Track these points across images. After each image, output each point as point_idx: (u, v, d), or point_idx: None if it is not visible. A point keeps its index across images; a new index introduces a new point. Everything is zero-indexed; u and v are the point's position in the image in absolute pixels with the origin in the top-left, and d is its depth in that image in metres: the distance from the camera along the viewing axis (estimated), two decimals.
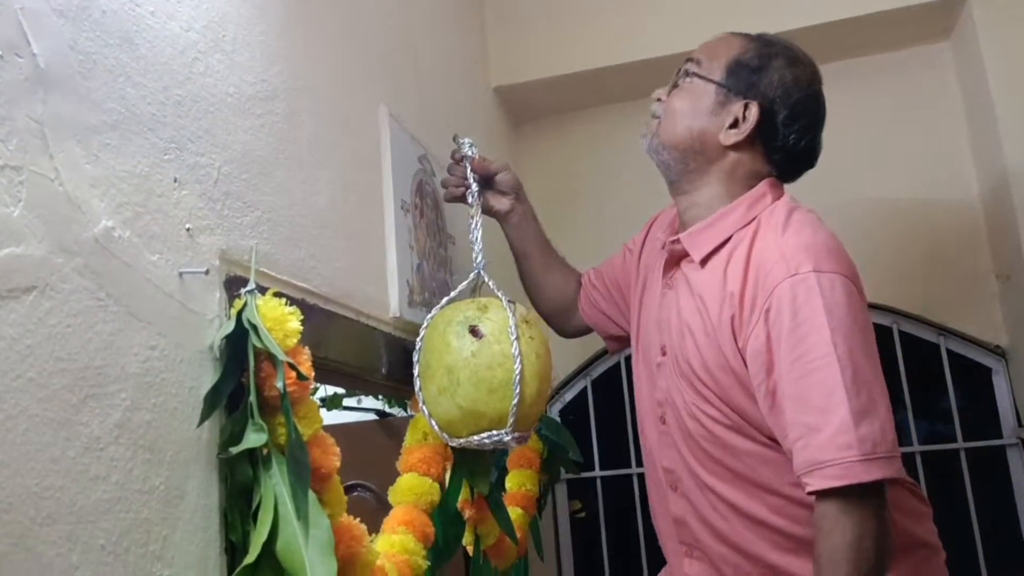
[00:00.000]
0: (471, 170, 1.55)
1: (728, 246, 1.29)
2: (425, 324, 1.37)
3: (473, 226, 1.50)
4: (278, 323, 0.99)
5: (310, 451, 1.00)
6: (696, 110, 1.35)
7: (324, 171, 1.28)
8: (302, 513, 0.93)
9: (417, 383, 1.36)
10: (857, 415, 1.09)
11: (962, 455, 2.22)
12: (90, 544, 0.75)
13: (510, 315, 1.33)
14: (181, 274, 0.92)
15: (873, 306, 2.27)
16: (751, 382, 1.22)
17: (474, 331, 1.32)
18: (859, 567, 1.08)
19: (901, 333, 2.29)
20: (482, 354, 1.31)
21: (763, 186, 1.34)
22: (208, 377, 0.94)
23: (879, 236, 2.26)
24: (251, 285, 1.00)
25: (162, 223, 0.90)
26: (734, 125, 1.33)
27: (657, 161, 1.41)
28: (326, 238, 1.26)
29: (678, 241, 1.36)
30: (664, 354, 1.38)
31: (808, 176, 2.29)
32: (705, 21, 2.14)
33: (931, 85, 2.29)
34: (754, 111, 1.32)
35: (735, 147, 1.34)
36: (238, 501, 0.95)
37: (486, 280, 1.46)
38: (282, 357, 0.93)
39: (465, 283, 1.46)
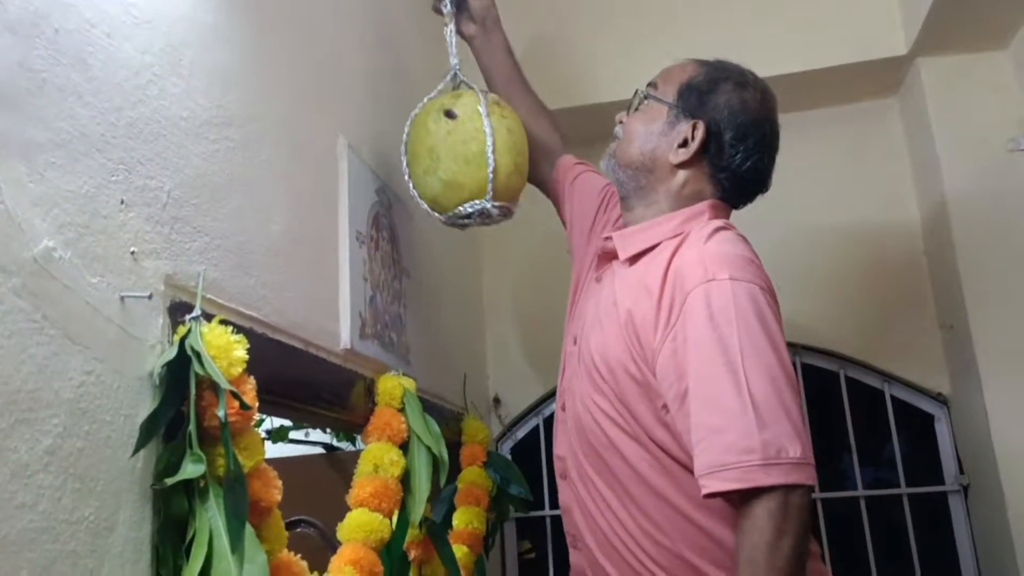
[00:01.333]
0: None
1: (655, 251, 1.33)
2: (409, 121, 1.58)
3: (448, 33, 1.67)
4: (223, 351, 0.97)
5: (250, 484, 0.98)
6: (649, 131, 1.41)
7: (279, 200, 1.27)
8: (238, 548, 0.91)
9: (406, 173, 1.57)
10: (763, 420, 1.09)
11: (905, 501, 2.25)
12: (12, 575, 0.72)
13: (481, 97, 1.52)
14: (123, 298, 0.90)
15: (819, 351, 2.32)
16: (651, 386, 1.24)
17: (449, 114, 1.50)
18: (776, 566, 1.07)
19: (847, 378, 2.33)
20: (457, 132, 1.50)
21: (704, 205, 1.37)
22: (146, 405, 0.92)
23: (827, 283, 2.31)
24: (196, 311, 0.98)
25: (106, 245, 0.88)
26: (683, 145, 1.37)
27: (613, 179, 1.48)
28: (278, 267, 1.24)
29: (610, 238, 1.41)
30: (575, 343, 1.44)
31: (757, 223, 2.34)
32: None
33: (879, 138, 2.36)
34: (701, 131, 1.36)
35: (683, 166, 1.38)
36: (171, 534, 0.92)
37: (462, 78, 1.62)
38: (225, 385, 0.91)
39: (442, 83, 1.62)
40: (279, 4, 1.36)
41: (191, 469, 0.91)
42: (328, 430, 2.28)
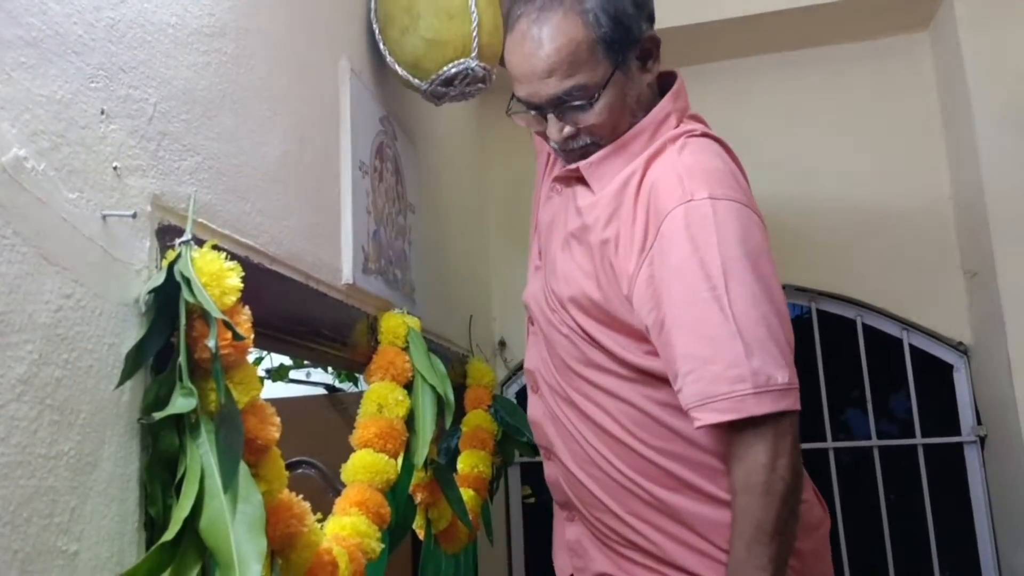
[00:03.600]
0: None
1: (624, 173, 1.24)
2: None
3: None
4: (215, 278, 0.90)
5: (245, 420, 0.91)
6: (622, 99, 1.24)
7: (276, 122, 1.18)
8: (231, 487, 0.84)
9: (380, 40, 1.47)
10: (750, 347, 1.06)
11: (920, 451, 2.20)
12: None
13: None
14: (104, 216, 0.82)
15: (836, 297, 2.25)
16: (617, 314, 1.20)
17: None
18: (774, 487, 1.07)
19: (864, 326, 2.26)
20: None
21: (666, 103, 1.27)
22: (132, 333, 0.85)
23: (846, 227, 2.23)
24: (187, 235, 0.91)
25: (84, 158, 0.80)
26: (644, 65, 1.26)
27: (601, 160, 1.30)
28: (275, 194, 1.16)
29: (576, 169, 1.29)
30: (540, 258, 1.38)
31: (779, 162, 2.25)
32: None
33: (907, 76, 2.26)
34: (649, 37, 1.25)
35: (655, 74, 1.29)
36: (160, 472, 0.86)
37: None
38: (217, 314, 0.84)
39: None
40: None
41: (181, 403, 0.85)
42: (330, 370, 2.23)
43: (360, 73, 1.48)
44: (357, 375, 2.21)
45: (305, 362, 2.10)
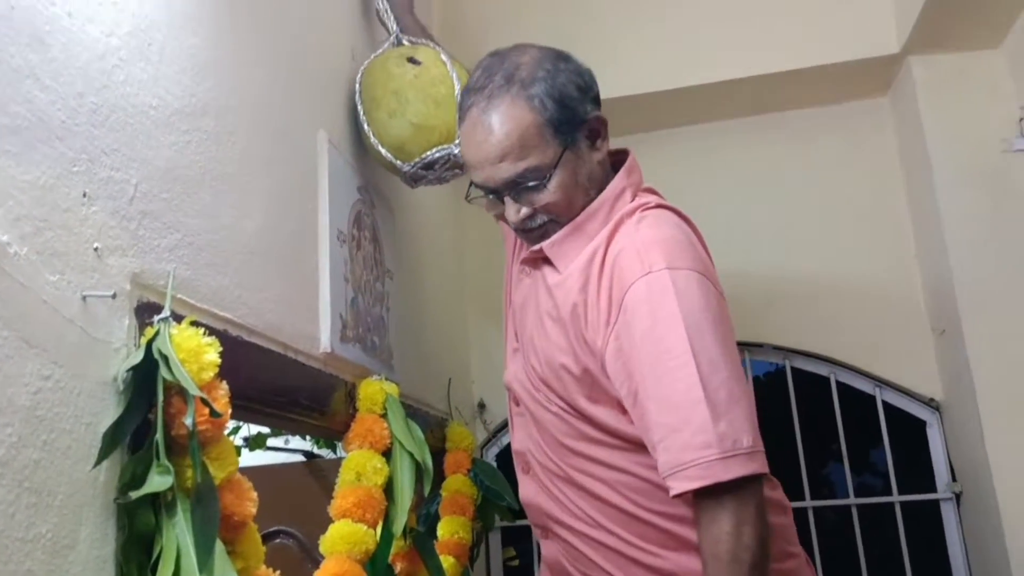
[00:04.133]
0: None
1: (587, 251, 1.27)
2: (360, 72, 1.58)
3: (379, 3, 1.71)
4: (193, 354, 0.91)
5: (222, 496, 0.91)
6: (574, 177, 1.27)
7: (255, 195, 1.21)
8: (206, 566, 0.84)
9: (364, 121, 1.53)
10: (716, 413, 1.09)
11: (897, 509, 2.21)
12: None
13: (439, 48, 1.54)
14: (84, 297, 0.83)
15: (810, 355, 2.28)
16: (598, 382, 1.23)
17: (412, 60, 1.51)
18: (740, 556, 1.07)
19: (838, 383, 2.29)
20: (424, 75, 1.50)
21: (619, 180, 1.31)
22: (109, 412, 0.85)
23: (817, 286, 2.28)
24: (166, 312, 0.92)
25: (66, 240, 0.81)
26: (594, 144, 1.29)
27: (559, 241, 1.31)
28: (254, 266, 1.18)
29: (540, 251, 1.31)
30: (517, 340, 1.40)
31: (749, 224, 2.31)
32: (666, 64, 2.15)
33: (870, 139, 2.33)
34: (594, 116, 1.28)
35: (604, 153, 1.32)
36: (136, 552, 0.86)
37: (404, 41, 1.64)
38: (194, 391, 0.85)
39: (386, 45, 1.65)
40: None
41: (157, 481, 0.85)
42: (308, 436, 2.21)
43: (338, 144, 1.51)
44: (336, 442, 2.20)
45: (283, 431, 2.09)
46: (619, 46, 2.27)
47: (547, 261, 1.32)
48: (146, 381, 0.88)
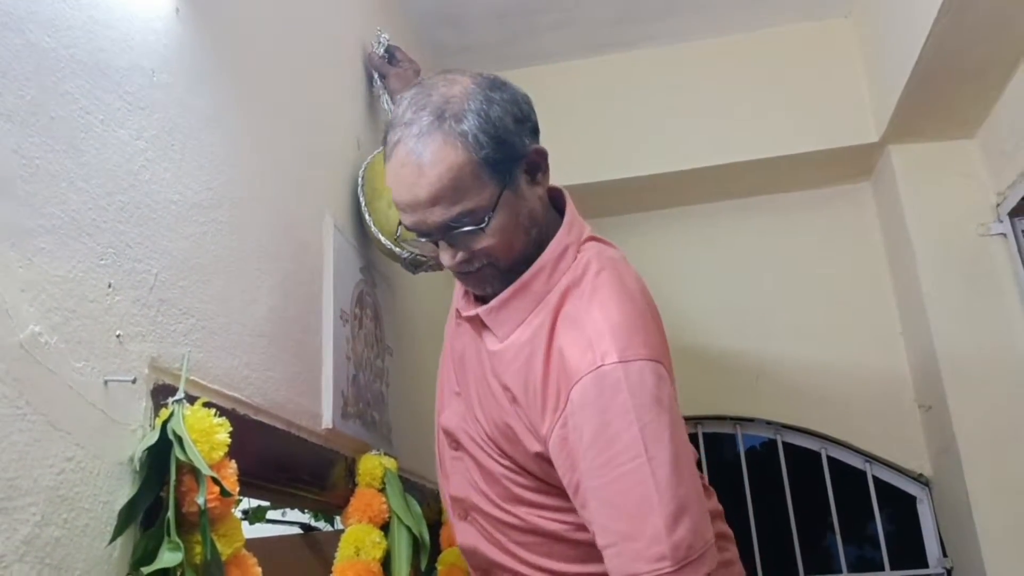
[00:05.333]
0: (371, 64, 1.86)
1: (529, 325, 1.19)
2: (363, 165, 1.68)
3: (385, 102, 1.83)
4: (205, 435, 0.96)
5: (228, 572, 0.96)
6: (515, 219, 1.17)
7: (264, 280, 1.28)
8: None
9: (366, 211, 1.62)
10: (670, 521, 1.04)
11: None
12: None
13: None
14: (106, 382, 0.89)
15: (801, 430, 2.33)
16: (545, 456, 1.16)
17: None
18: None
19: (829, 459, 2.33)
20: None
21: (561, 237, 1.21)
22: (125, 490, 0.90)
23: (806, 364, 2.34)
24: (180, 394, 0.98)
25: (91, 329, 0.88)
26: (534, 179, 1.20)
27: (502, 289, 1.22)
28: (262, 347, 1.24)
29: (477, 316, 1.24)
30: (459, 386, 1.31)
31: (740, 302, 2.38)
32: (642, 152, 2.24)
33: (854, 221, 2.42)
34: (533, 150, 1.18)
35: (544, 187, 1.23)
36: None
37: None
38: (206, 471, 0.90)
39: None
40: (266, 85, 1.39)
41: (168, 558, 0.89)
42: (306, 510, 2.24)
43: (343, 228, 1.59)
44: (335, 516, 2.22)
45: (284, 505, 2.12)
46: (619, 132, 2.38)
47: (485, 327, 1.23)
48: (160, 460, 0.93)
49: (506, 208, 1.15)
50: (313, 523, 2.31)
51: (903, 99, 2.07)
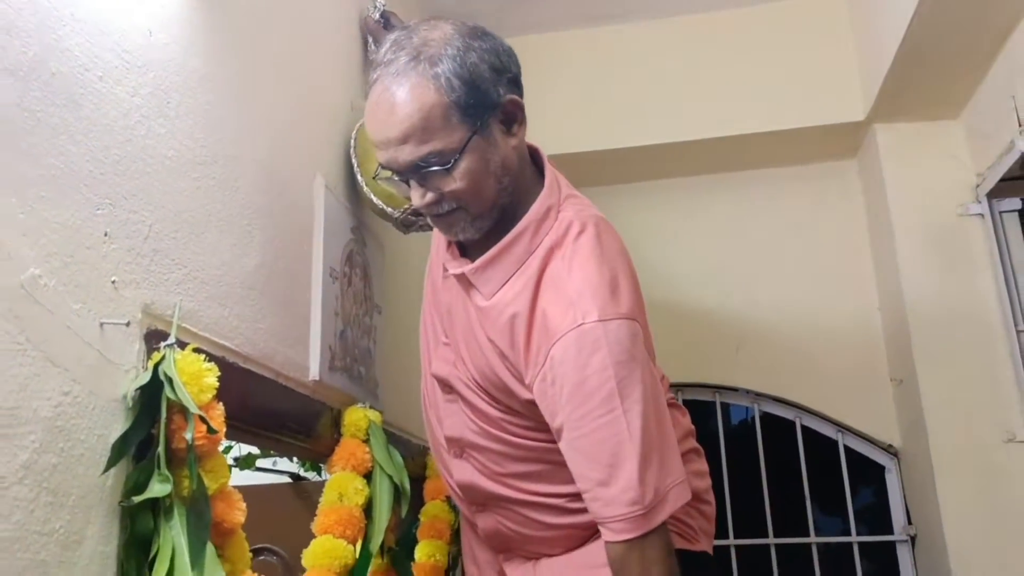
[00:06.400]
0: (367, 29, 1.88)
1: (513, 285, 1.24)
2: (355, 127, 1.71)
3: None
4: (194, 378, 1.03)
5: (214, 505, 1.03)
6: (484, 164, 1.20)
7: (256, 235, 1.33)
8: (198, 565, 0.95)
9: (358, 173, 1.67)
10: (643, 466, 1.13)
11: (855, 548, 2.31)
12: None
13: None
14: (102, 324, 0.95)
15: (777, 399, 2.40)
16: (531, 399, 1.23)
17: None
18: None
19: (803, 428, 2.40)
20: None
21: (544, 198, 1.26)
22: (118, 426, 0.97)
23: (786, 336, 2.40)
24: (171, 339, 1.04)
25: (88, 274, 0.94)
26: (509, 130, 1.23)
27: (475, 234, 1.26)
28: (252, 300, 1.30)
29: (463, 276, 1.28)
30: (447, 339, 1.37)
31: (723, 274, 2.44)
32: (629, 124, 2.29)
33: (838, 198, 2.48)
34: (509, 99, 1.21)
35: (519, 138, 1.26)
36: (135, 550, 0.97)
37: None
38: (194, 409, 0.97)
39: None
40: (261, 46, 1.43)
41: (158, 488, 0.97)
42: (295, 460, 2.32)
43: (334, 188, 1.64)
44: (321, 465, 2.30)
45: (272, 452, 2.20)
46: (610, 103, 2.42)
47: (471, 284, 1.28)
48: (151, 400, 0.99)
49: (475, 153, 1.18)
50: (302, 473, 2.39)
51: (889, 79, 2.11)
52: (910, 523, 2.25)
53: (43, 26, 0.90)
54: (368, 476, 1.57)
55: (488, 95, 1.18)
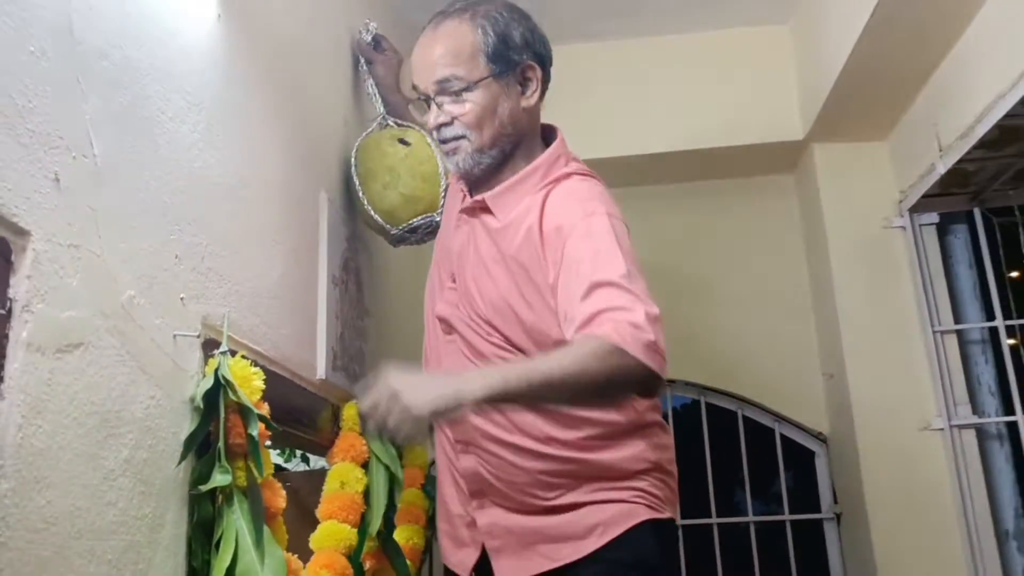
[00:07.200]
0: (358, 49, 1.99)
1: (526, 202, 1.42)
2: (355, 147, 1.83)
3: (370, 87, 1.97)
4: (245, 381, 1.17)
5: (263, 492, 1.17)
6: (493, 105, 1.42)
7: (278, 249, 1.47)
8: (259, 544, 1.11)
9: (359, 190, 1.79)
10: (631, 282, 1.25)
11: (788, 526, 2.57)
12: (102, 559, 0.90)
13: (423, 132, 1.77)
14: (175, 336, 1.09)
15: (722, 392, 2.63)
16: (547, 327, 1.35)
17: (403, 141, 1.80)
18: (588, 368, 1.16)
19: (744, 418, 2.65)
20: (413, 155, 1.79)
21: (557, 147, 1.48)
22: (186, 424, 1.11)
23: (729, 333, 2.63)
24: (224, 347, 1.18)
25: (166, 292, 1.07)
26: (524, 89, 1.45)
27: (475, 169, 1.45)
28: (276, 308, 1.44)
29: (483, 201, 1.45)
30: (454, 282, 1.50)
31: (673, 275, 2.65)
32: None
33: (779, 208, 2.72)
34: (536, 69, 1.45)
35: (533, 103, 1.47)
36: (200, 533, 1.11)
37: (390, 123, 1.89)
38: (255, 410, 1.12)
39: (373, 125, 1.90)
40: (277, 73, 1.55)
41: (220, 478, 1.11)
42: (276, 450, 2.44)
43: (334, 201, 1.78)
44: (307, 455, 2.44)
45: (278, 444, 2.32)
46: (571, 117, 2.58)
47: (485, 210, 1.46)
48: (211, 400, 1.14)
49: (488, 92, 1.42)
50: (283, 464, 2.52)
51: (827, 103, 2.34)
52: (836, 503, 2.52)
53: (135, 78, 1.03)
54: (365, 466, 1.73)
55: (511, 53, 1.43)
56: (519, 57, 1.43)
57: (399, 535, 2.10)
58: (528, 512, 1.44)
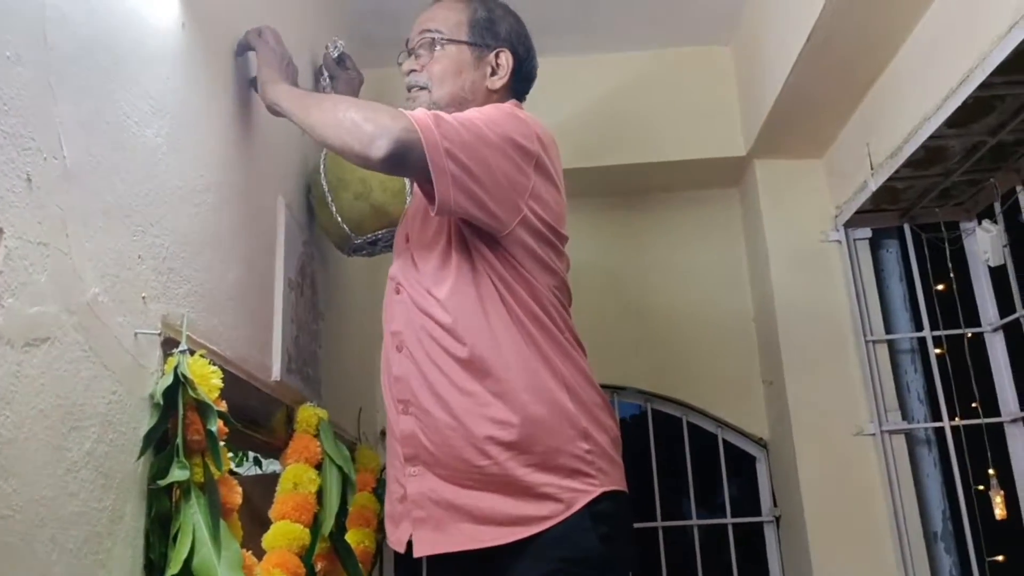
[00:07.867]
0: (323, 63, 2.04)
1: None
2: (324, 156, 1.88)
3: None
4: (204, 379, 1.21)
5: (219, 488, 1.21)
6: (460, 68, 1.57)
7: (236, 252, 1.50)
8: (216, 538, 1.14)
9: (328, 197, 1.84)
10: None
11: (730, 529, 2.66)
12: (64, 547, 0.93)
13: None
14: (136, 334, 1.12)
15: (667, 399, 2.72)
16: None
17: None
18: (361, 129, 1.32)
19: (688, 424, 2.73)
20: None
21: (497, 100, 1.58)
22: (145, 420, 1.14)
23: (674, 342, 2.72)
24: (183, 346, 1.21)
25: (128, 291, 1.10)
26: (494, 72, 1.59)
27: None
28: (232, 309, 1.47)
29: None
30: (407, 242, 1.58)
31: (618, 287, 2.74)
32: None
33: (723, 221, 2.82)
34: (509, 56, 1.59)
35: (497, 88, 1.59)
36: (157, 526, 1.14)
37: None
38: (214, 407, 1.15)
39: None
40: (239, 83, 1.59)
41: (178, 473, 1.14)
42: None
43: (291, 206, 1.81)
44: (260, 459, 2.45)
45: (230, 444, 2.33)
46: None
47: None
48: (170, 397, 1.17)
49: (459, 55, 1.57)
50: (234, 468, 2.52)
51: (767, 121, 2.45)
52: (776, 506, 2.61)
53: (104, 82, 1.06)
54: (318, 467, 1.76)
55: (492, 38, 1.58)
56: (493, 42, 1.57)
57: (350, 538, 2.14)
58: (460, 484, 1.41)
